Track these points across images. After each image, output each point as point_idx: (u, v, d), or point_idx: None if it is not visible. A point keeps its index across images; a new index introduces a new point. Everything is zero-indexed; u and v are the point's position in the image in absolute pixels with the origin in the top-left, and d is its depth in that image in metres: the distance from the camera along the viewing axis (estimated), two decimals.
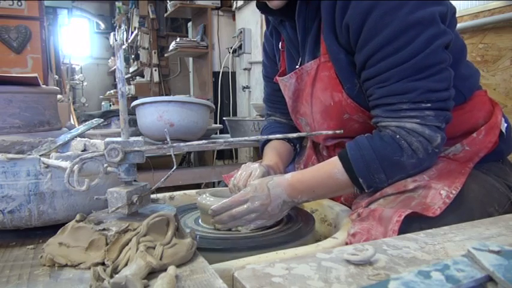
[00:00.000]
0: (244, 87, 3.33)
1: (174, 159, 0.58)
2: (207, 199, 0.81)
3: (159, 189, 0.74)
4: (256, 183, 0.79)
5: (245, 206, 0.76)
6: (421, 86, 0.72)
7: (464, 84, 0.83)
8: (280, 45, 1.03)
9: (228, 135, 2.44)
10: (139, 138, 0.56)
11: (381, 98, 0.77)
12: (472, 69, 0.91)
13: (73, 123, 2.42)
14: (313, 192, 0.80)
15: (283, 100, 1.09)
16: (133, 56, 6.39)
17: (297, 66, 0.93)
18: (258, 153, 2.58)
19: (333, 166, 0.79)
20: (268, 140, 1.09)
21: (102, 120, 0.98)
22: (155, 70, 5.32)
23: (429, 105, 0.73)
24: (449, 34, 0.74)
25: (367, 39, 0.74)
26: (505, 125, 0.88)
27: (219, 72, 3.55)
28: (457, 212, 0.72)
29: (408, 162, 0.75)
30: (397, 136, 0.74)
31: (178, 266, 0.49)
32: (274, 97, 1.14)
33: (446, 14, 0.75)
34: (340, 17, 0.77)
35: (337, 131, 0.65)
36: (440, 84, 0.73)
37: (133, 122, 1.98)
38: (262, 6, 0.93)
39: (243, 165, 0.92)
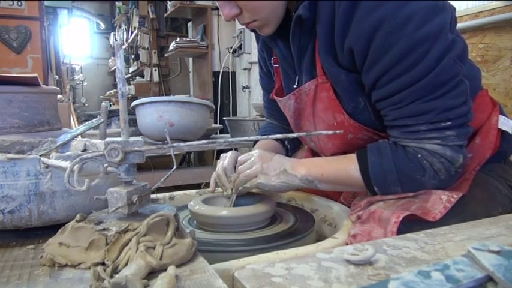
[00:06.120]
0: (244, 87, 3.34)
1: (174, 159, 0.58)
2: (201, 208, 0.80)
3: (159, 189, 0.74)
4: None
5: (249, 160, 0.83)
6: (437, 105, 0.69)
7: (470, 86, 0.82)
8: (272, 61, 1.00)
9: (228, 135, 2.44)
10: (139, 138, 0.56)
11: (396, 119, 0.74)
12: (474, 68, 0.88)
13: (73, 123, 2.42)
14: (321, 174, 0.79)
15: (277, 108, 1.08)
16: (133, 56, 6.39)
17: (295, 86, 0.90)
18: None
19: (350, 162, 0.78)
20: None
21: (102, 120, 0.98)
22: (155, 70, 5.32)
23: (449, 123, 0.70)
24: (458, 43, 0.70)
25: (374, 60, 0.70)
26: (510, 122, 0.85)
27: (219, 72, 3.55)
28: (461, 216, 0.71)
29: (429, 183, 0.73)
30: (419, 155, 0.72)
31: (178, 266, 0.49)
32: (269, 105, 1.15)
33: (451, 20, 0.72)
34: (341, 39, 0.73)
35: (337, 131, 0.64)
36: (458, 99, 0.70)
37: (133, 122, 1.98)
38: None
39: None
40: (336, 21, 0.73)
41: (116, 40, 7.22)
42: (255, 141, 1.10)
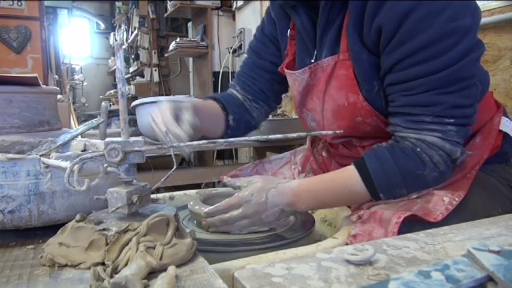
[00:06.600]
0: None
1: (174, 159, 0.59)
2: (200, 208, 0.80)
3: (159, 189, 0.73)
4: (255, 188, 0.73)
5: (239, 211, 0.72)
6: (447, 100, 0.70)
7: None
8: (288, 33, 0.97)
9: None
10: (139, 138, 0.56)
11: (403, 106, 0.74)
12: (483, 70, 0.89)
13: (73, 123, 2.42)
14: (322, 202, 0.76)
15: (255, 77, 1.04)
16: (133, 56, 6.39)
17: (312, 61, 0.88)
18: (258, 153, 2.58)
19: (348, 176, 0.75)
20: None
21: (102, 120, 0.98)
22: (155, 70, 5.32)
23: (452, 120, 0.71)
24: (482, 46, 0.71)
25: (401, 42, 0.70)
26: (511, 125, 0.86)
27: (219, 72, 3.55)
28: (461, 216, 0.71)
29: (430, 176, 0.73)
30: (418, 149, 0.72)
31: (178, 266, 0.49)
32: (249, 71, 1.06)
33: (479, 22, 0.73)
34: (371, 17, 0.73)
35: (337, 131, 0.64)
36: (467, 100, 0.71)
37: (133, 122, 1.98)
38: None
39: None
40: None
41: (116, 40, 7.22)
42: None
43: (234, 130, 1.04)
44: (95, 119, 0.94)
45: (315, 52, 0.88)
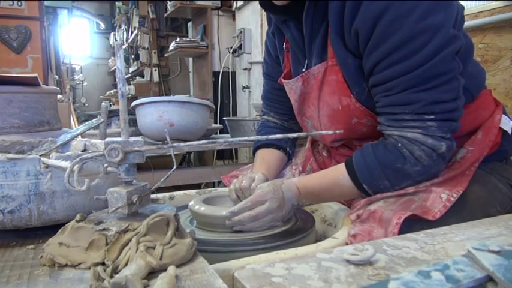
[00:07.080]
0: (244, 87, 3.33)
1: (174, 159, 0.59)
2: (201, 208, 0.80)
3: (159, 189, 0.74)
4: (271, 185, 0.78)
5: (265, 206, 0.75)
6: (424, 97, 0.71)
7: (472, 83, 0.82)
8: (284, 46, 1.01)
9: (228, 135, 2.44)
10: (139, 138, 0.56)
11: (385, 106, 0.76)
12: (479, 67, 0.90)
13: (73, 123, 2.42)
14: (317, 197, 0.82)
15: (280, 99, 1.09)
16: (133, 56, 6.39)
17: (303, 70, 0.91)
18: None
19: (338, 172, 0.81)
20: (260, 146, 1.08)
21: (102, 120, 0.98)
22: (155, 70, 5.32)
23: (433, 116, 0.72)
24: (459, 40, 0.72)
25: (375, 45, 0.72)
26: (510, 124, 0.87)
27: (219, 72, 3.55)
28: (459, 214, 0.72)
29: (412, 170, 0.74)
30: (399, 144, 0.74)
31: (178, 266, 0.49)
32: (271, 95, 1.13)
33: (457, 17, 0.74)
34: (349, 22, 0.75)
35: (337, 131, 0.65)
36: (447, 94, 0.72)
37: (133, 122, 1.98)
38: (265, 4, 0.90)
39: (243, 174, 0.93)
40: (347, 2, 0.75)
41: (116, 40, 7.23)
42: (257, 145, 1.09)
43: (293, 150, 1.14)
44: (95, 119, 0.94)
45: (306, 61, 0.91)
